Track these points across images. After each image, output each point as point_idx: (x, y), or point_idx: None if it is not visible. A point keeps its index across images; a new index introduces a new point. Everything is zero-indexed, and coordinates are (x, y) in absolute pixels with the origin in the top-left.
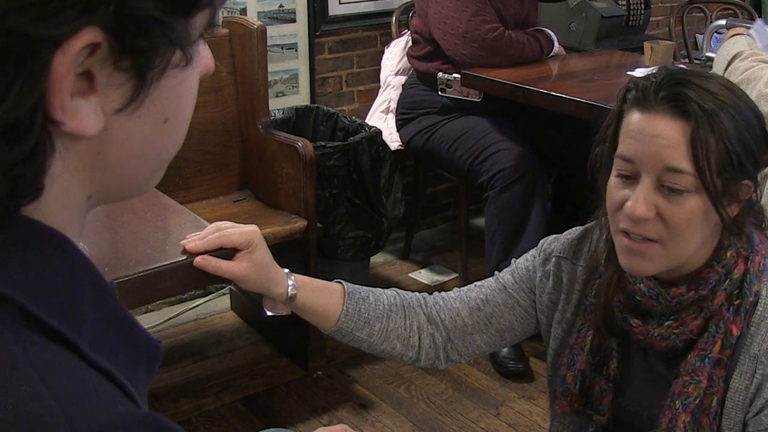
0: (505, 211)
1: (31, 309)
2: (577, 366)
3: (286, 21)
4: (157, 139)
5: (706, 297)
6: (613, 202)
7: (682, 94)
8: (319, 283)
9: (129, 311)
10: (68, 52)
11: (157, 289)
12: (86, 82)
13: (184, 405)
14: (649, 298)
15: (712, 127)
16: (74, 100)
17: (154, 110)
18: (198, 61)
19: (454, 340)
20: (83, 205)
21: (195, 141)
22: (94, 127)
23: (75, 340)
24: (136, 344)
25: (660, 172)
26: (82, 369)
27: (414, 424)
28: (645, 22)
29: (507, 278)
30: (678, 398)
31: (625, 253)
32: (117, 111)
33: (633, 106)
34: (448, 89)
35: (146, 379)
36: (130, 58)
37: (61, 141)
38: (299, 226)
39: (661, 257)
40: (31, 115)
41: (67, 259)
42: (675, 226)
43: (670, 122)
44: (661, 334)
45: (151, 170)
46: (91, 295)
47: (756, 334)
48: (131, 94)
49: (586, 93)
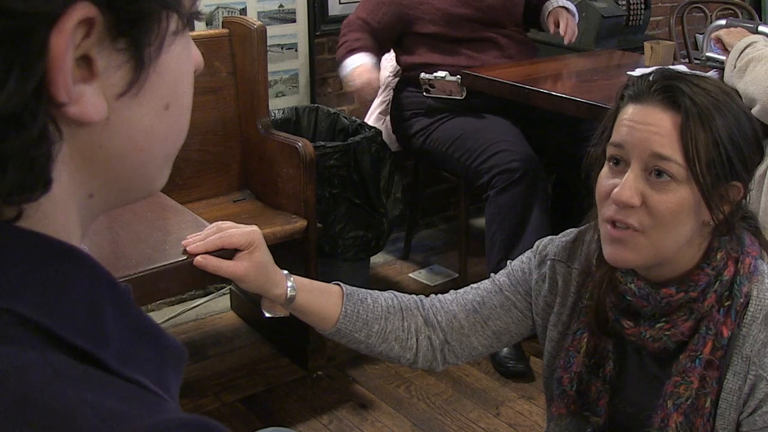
0: (506, 211)
1: (56, 330)
2: (573, 368)
3: (286, 21)
4: (160, 127)
5: (696, 299)
6: (602, 190)
7: (674, 87)
8: (318, 285)
9: (149, 316)
10: (63, 28)
11: (157, 289)
12: (86, 68)
13: (184, 405)
14: (640, 298)
15: (702, 121)
16: (77, 85)
17: (154, 95)
18: (189, 50)
19: (450, 342)
20: (84, 206)
21: (195, 141)
22: (99, 112)
23: (102, 356)
24: (162, 350)
25: (648, 159)
26: (115, 383)
27: (414, 424)
28: (645, 22)
29: (503, 280)
30: (669, 398)
31: (608, 242)
32: (119, 96)
33: (628, 101)
34: (431, 89)
35: (176, 384)
36: (126, 35)
37: (65, 130)
38: (299, 226)
39: (644, 248)
40: (36, 99)
41: (86, 274)
42: (660, 215)
43: (661, 113)
44: (653, 335)
45: (155, 165)
46: (114, 308)
47: (748, 334)
48: (131, 75)
49: (586, 93)
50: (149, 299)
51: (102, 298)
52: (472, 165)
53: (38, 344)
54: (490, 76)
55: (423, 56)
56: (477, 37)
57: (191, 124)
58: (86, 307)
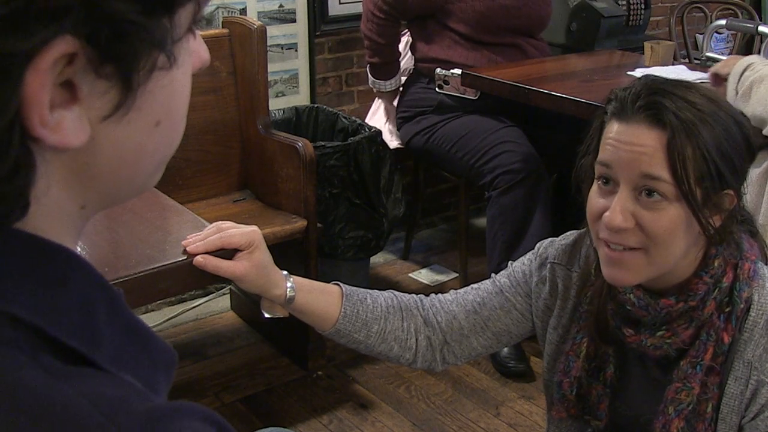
0: (508, 212)
1: (49, 331)
2: (573, 372)
3: (286, 21)
4: (150, 143)
5: (696, 307)
6: (593, 211)
7: (658, 103)
8: (317, 285)
9: (141, 319)
10: (40, 66)
11: (157, 289)
12: (68, 92)
13: None
14: (639, 308)
15: (688, 137)
16: (56, 111)
17: (143, 114)
18: (187, 58)
19: (450, 343)
20: (77, 216)
21: (195, 141)
22: (79, 138)
23: (95, 358)
24: (152, 353)
25: (637, 179)
26: (107, 376)
27: (414, 424)
28: (645, 22)
29: (503, 281)
30: (671, 404)
31: (606, 263)
32: (104, 119)
33: (612, 117)
34: (445, 85)
35: (165, 387)
36: (112, 64)
37: (46, 154)
38: (299, 226)
39: (644, 266)
40: (8, 132)
41: (80, 276)
42: (655, 235)
43: (646, 131)
44: (654, 343)
45: (146, 174)
46: (106, 309)
47: (749, 339)
48: (117, 100)
49: (586, 93)
50: (149, 299)
51: (95, 300)
52: (475, 165)
53: (29, 348)
54: (490, 76)
55: (444, 51)
56: (503, 42)
57: (191, 124)
58: (80, 308)
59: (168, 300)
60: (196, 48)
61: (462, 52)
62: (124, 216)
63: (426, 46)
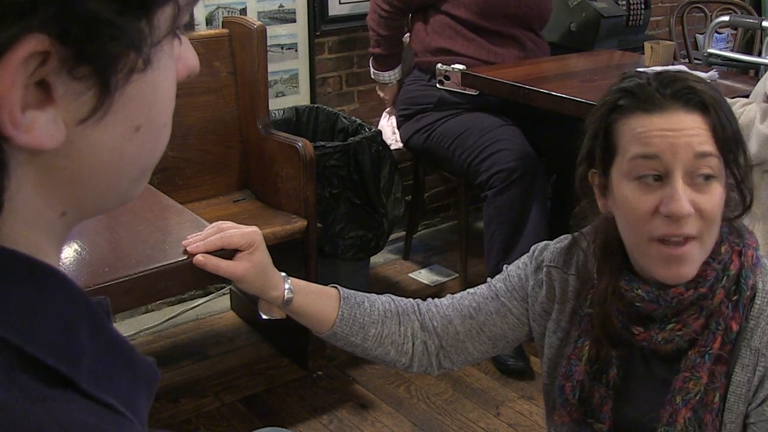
0: (504, 212)
1: (27, 349)
2: (575, 376)
3: (286, 21)
4: (130, 148)
5: (706, 295)
6: (643, 211)
7: (689, 88)
8: (315, 288)
9: (124, 336)
10: (9, 63)
11: (157, 289)
12: (42, 93)
13: (184, 405)
14: (649, 302)
15: (718, 112)
16: (29, 112)
17: (122, 118)
18: (170, 63)
19: (446, 348)
20: (58, 223)
21: (195, 141)
22: (53, 140)
23: (74, 377)
24: (134, 371)
25: (691, 162)
26: (84, 401)
27: (414, 424)
28: (645, 22)
29: (499, 286)
30: (678, 394)
31: (663, 263)
32: (81, 122)
33: (633, 112)
34: (446, 81)
35: (146, 405)
36: (88, 65)
37: (18, 155)
38: (299, 226)
39: (699, 256)
40: None
41: (61, 293)
42: (709, 216)
43: (684, 115)
44: (665, 337)
45: (128, 180)
46: (88, 327)
47: (756, 327)
48: (94, 103)
49: (586, 93)
50: (149, 299)
51: (77, 317)
52: (472, 163)
53: (6, 367)
54: (490, 76)
55: (444, 41)
56: (503, 33)
57: (191, 124)
58: (60, 325)
59: (168, 300)
60: (183, 54)
61: (462, 42)
62: (124, 216)
63: (426, 36)
